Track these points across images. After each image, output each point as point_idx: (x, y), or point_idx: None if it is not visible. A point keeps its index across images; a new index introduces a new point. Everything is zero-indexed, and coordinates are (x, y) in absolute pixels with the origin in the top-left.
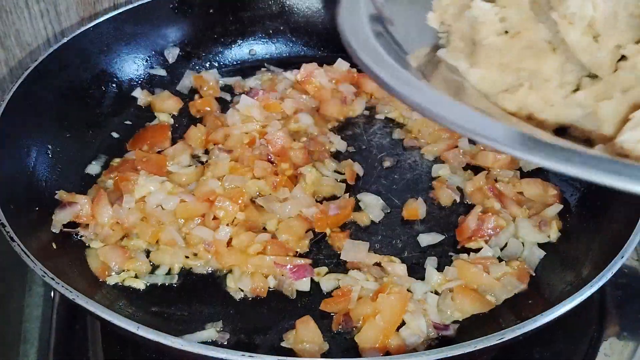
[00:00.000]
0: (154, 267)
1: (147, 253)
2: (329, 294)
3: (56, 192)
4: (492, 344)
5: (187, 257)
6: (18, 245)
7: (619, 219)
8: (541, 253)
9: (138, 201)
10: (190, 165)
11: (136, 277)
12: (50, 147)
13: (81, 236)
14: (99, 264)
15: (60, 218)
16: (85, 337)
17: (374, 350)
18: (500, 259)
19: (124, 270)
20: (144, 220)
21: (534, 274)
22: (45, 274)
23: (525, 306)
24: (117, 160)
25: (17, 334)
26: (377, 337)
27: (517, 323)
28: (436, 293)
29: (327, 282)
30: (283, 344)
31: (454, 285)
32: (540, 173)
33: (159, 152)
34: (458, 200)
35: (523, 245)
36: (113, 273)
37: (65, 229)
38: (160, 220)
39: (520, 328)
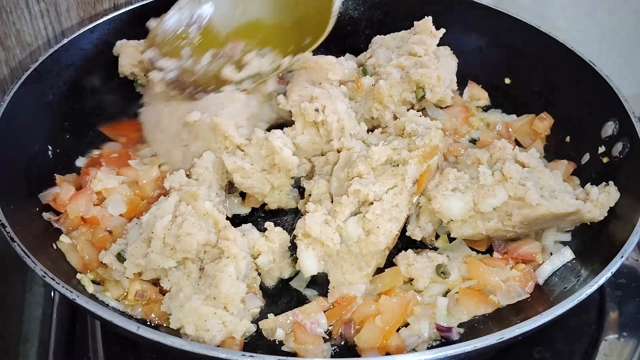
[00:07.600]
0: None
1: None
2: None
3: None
4: (492, 343)
5: None
6: (18, 245)
7: (618, 219)
8: (556, 266)
9: (98, 194)
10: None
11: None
12: (50, 147)
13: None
14: (77, 258)
15: (43, 196)
16: (85, 337)
17: (374, 351)
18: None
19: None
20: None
21: (540, 283)
22: (46, 274)
23: (526, 306)
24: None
25: (17, 334)
26: (376, 338)
27: (517, 323)
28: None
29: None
30: (284, 348)
31: (466, 286)
32: None
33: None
34: None
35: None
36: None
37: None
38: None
39: (520, 328)
